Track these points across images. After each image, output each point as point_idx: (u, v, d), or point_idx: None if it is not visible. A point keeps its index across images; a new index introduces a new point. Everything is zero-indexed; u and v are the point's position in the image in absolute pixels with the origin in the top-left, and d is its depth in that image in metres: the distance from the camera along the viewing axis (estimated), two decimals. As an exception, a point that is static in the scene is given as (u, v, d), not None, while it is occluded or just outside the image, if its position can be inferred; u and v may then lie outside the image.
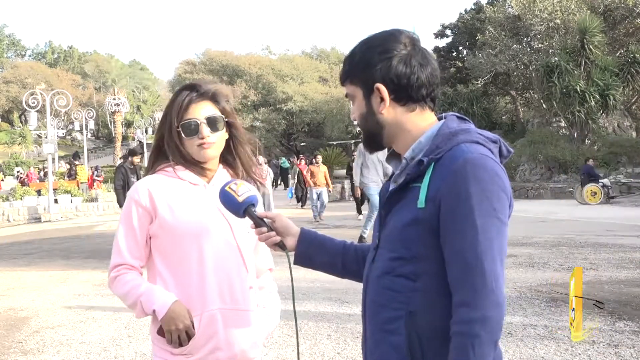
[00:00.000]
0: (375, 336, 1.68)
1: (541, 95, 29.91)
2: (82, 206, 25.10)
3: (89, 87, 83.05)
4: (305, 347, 5.40)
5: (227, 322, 2.18)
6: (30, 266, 11.54)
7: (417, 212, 1.58)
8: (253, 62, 58.01)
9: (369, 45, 1.69)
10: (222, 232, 2.20)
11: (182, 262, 2.17)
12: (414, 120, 1.68)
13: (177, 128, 2.19)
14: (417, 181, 1.61)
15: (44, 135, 34.25)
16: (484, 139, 1.63)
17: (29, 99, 30.16)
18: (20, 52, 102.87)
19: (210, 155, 2.23)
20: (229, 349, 2.18)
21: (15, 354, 5.82)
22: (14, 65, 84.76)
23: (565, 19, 30.49)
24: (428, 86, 1.67)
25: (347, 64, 1.72)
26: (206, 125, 2.19)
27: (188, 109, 2.20)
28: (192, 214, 2.17)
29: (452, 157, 1.56)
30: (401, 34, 1.69)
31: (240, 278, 2.22)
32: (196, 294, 2.15)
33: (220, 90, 2.29)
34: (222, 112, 2.25)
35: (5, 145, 61.94)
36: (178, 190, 2.20)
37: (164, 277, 2.19)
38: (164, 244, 2.18)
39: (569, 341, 5.20)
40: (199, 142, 2.18)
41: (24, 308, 7.79)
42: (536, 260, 9.28)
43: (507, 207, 1.57)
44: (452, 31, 44.03)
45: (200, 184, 2.24)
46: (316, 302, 7.05)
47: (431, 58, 1.69)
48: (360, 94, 1.69)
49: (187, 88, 2.27)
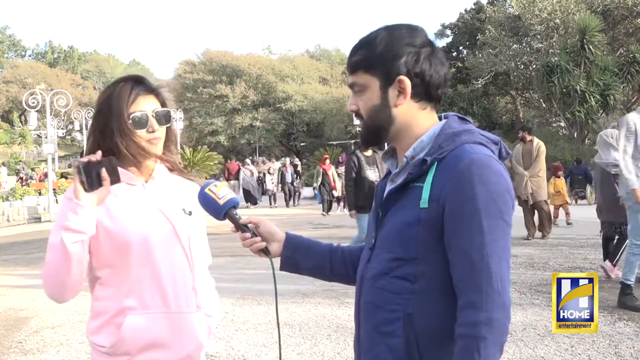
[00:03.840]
0: (371, 337, 1.66)
1: (541, 95, 30.00)
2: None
3: (88, 87, 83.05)
4: (305, 347, 5.40)
5: (171, 326, 2.10)
6: (30, 266, 11.53)
7: (420, 213, 1.55)
8: (253, 62, 57.95)
9: (394, 35, 1.63)
10: (165, 234, 2.11)
11: (122, 267, 2.06)
12: (423, 118, 1.65)
13: (128, 120, 2.06)
14: (418, 181, 1.59)
15: (44, 135, 34.22)
16: (486, 140, 1.62)
17: (29, 99, 30.10)
18: (20, 52, 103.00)
19: (157, 150, 2.14)
20: (174, 352, 2.11)
21: (15, 354, 5.82)
22: (14, 65, 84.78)
23: (565, 19, 30.55)
24: (444, 86, 1.66)
25: (364, 52, 1.64)
26: (155, 119, 2.11)
27: (136, 101, 2.09)
28: (132, 216, 2.07)
29: (456, 157, 1.54)
30: (422, 30, 1.66)
31: (184, 281, 2.14)
32: (138, 299, 2.06)
33: (163, 86, 2.23)
34: (163, 107, 2.18)
35: (5, 145, 61.89)
36: (115, 191, 2.05)
37: (104, 282, 2.10)
38: (103, 249, 2.06)
39: (569, 341, 5.20)
40: (148, 136, 2.09)
41: (24, 308, 7.79)
42: (536, 260, 9.28)
43: (512, 208, 1.55)
44: (452, 31, 44.05)
45: (139, 183, 2.14)
46: (316, 302, 7.05)
47: (445, 60, 1.68)
48: (377, 84, 1.62)
49: (129, 80, 2.15)
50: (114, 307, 2.07)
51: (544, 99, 29.75)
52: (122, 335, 2.04)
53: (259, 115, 54.34)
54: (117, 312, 2.07)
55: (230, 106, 54.24)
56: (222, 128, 53.76)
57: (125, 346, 2.05)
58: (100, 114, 2.11)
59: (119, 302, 2.06)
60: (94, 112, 2.17)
